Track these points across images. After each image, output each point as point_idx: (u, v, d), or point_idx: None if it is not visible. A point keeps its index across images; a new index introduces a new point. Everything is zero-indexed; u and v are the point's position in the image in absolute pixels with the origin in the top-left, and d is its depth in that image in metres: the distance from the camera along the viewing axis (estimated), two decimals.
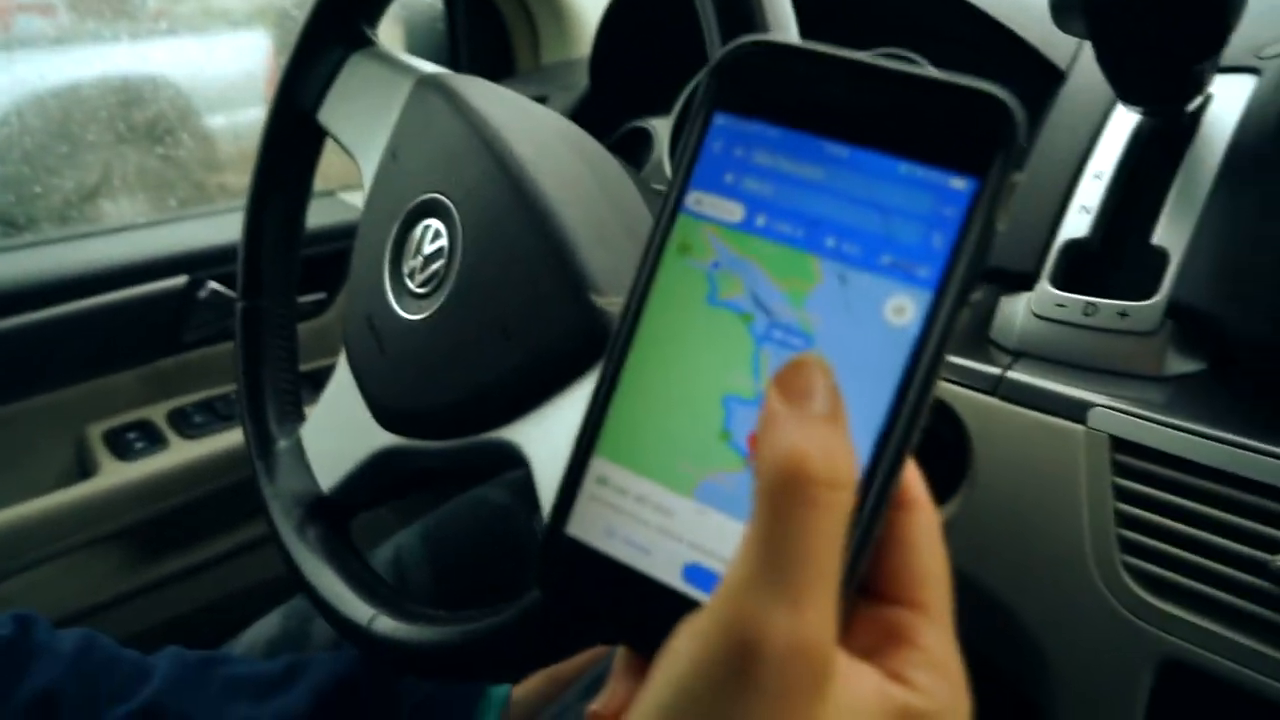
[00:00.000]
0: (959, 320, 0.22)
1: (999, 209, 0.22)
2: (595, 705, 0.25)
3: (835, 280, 0.24)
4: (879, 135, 0.23)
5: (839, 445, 0.21)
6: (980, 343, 0.54)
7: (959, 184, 0.22)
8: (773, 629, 0.19)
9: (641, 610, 0.25)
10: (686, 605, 0.24)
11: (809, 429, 0.21)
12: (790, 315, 0.24)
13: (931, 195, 0.23)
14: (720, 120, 0.25)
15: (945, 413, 0.52)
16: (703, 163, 0.26)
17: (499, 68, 1.14)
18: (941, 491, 0.53)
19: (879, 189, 0.23)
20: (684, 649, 0.20)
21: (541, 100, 0.91)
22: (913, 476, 0.24)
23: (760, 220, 0.25)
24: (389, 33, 1.23)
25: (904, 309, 0.23)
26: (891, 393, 0.23)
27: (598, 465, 0.26)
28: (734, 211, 0.25)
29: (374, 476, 0.57)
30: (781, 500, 0.20)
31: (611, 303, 0.45)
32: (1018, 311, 0.52)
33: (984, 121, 0.22)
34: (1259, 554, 0.42)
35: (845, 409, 0.22)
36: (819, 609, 0.20)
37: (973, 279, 0.22)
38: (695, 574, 0.24)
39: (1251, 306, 0.42)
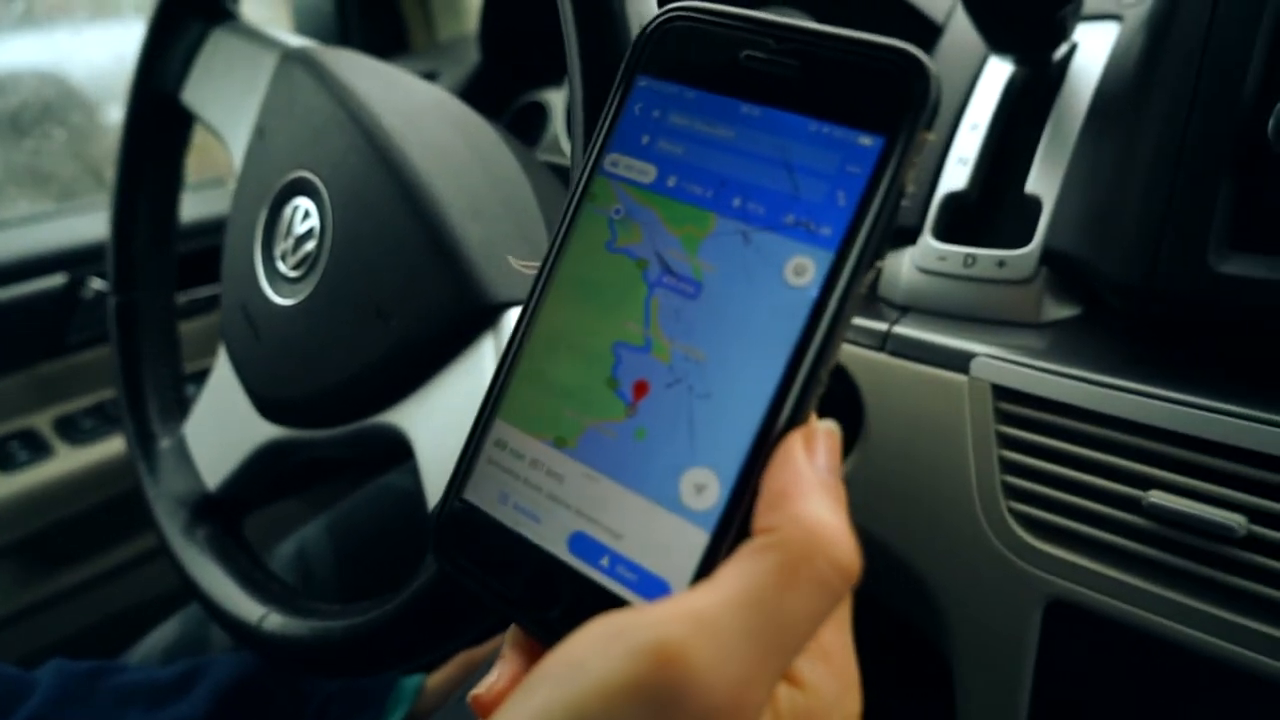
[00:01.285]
0: (864, 283, 0.22)
1: (907, 168, 0.22)
2: (478, 689, 0.24)
3: (736, 236, 0.24)
4: (792, 95, 0.24)
5: (851, 535, 0.21)
6: (869, 299, 0.54)
7: (866, 141, 0.22)
8: (717, 680, 0.18)
9: (528, 582, 0.25)
10: (570, 577, 0.24)
11: (839, 510, 0.21)
12: (683, 262, 0.24)
13: (839, 154, 0.23)
14: (642, 83, 0.26)
15: (837, 371, 0.52)
16: (622, 125, 0.26)
17: (392, 45, 1.10)
18: None
19: (788, 148, 0.24)
20: (595, 664, 0.18)
21: (431, 77, 0.88)
22: None
23: (671, 181, 0.25)
24: (275, 13, 1.18)
25: (804, 269, 0.23)
26: (787, 356, 0.22)
27: (498, 428, 0.27)
28: (647, 172, 0.26)
29: (262, 471, 0.55)
30: (798, 570, 0.19)
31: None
32: (902, 266, 0.52)
33: (895, 79, 0.22)
34: (1133, 491, 0.43)
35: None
36: (772, 678, 0.19)
37: (879, 240, 0.22)
38: (580, 544, 0.24)
39: (1116, 249, 0.43)
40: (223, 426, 0.56)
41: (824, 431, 0.22)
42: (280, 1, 1.18)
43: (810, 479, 0.21)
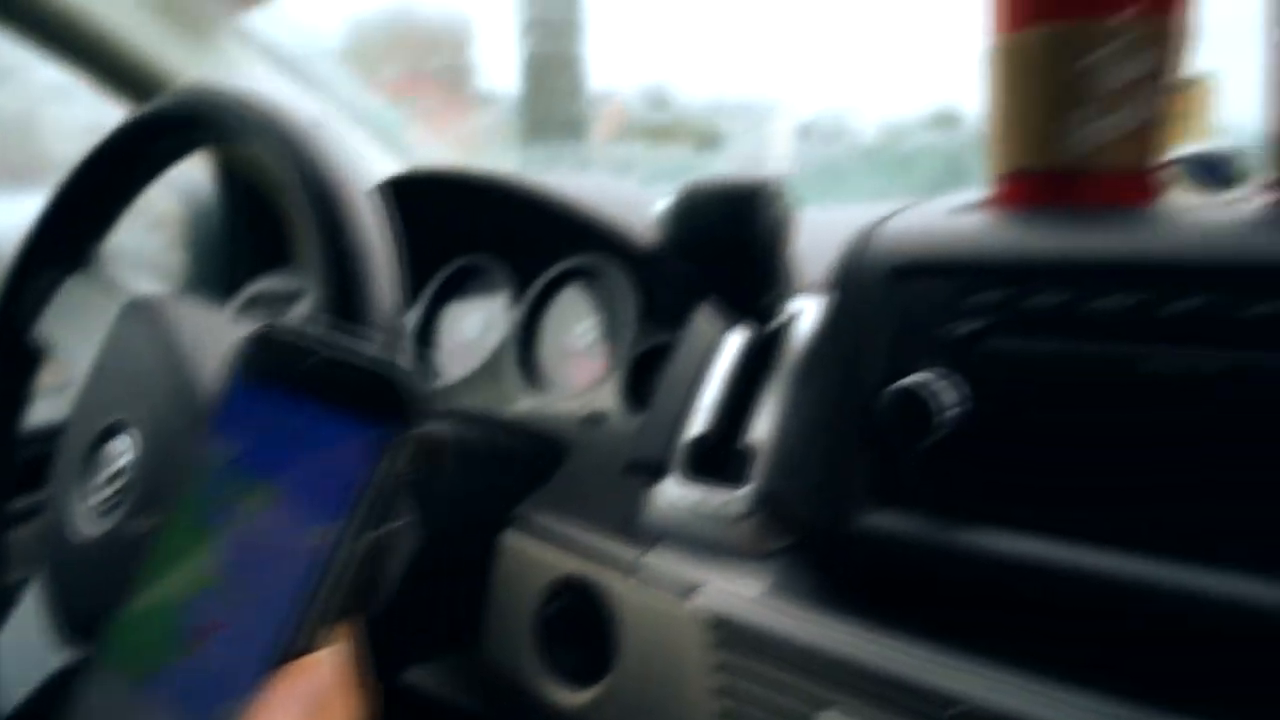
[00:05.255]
0: (361, 549, 0.28)
1: (397, 457, 0.29)
2: None
3: (279, 509, 0.29)
4: (328, 393, 0.30)
5: None
6: (630, 527, 0.61)
7: (373, 434, 0.29)
8: None
9: None
10: None
11: None
12: (237, 525, 0.29)
13: (355, 442, 0.29)
14: (240, 380, 0.32)
15: (590, 596, 0.59)
16: (224, 414, 0.32)
17: (275, 257, 1.19)
18: (589, 674, 0.59)
19: (318, 434, 0.30)
20: None
21: (296, 295, 0.96)
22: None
23: (241, 460, 0.31)
24: (169, 211, 1.26)
25: (318, 536, 0.28)
26: (286, 614, 0.27)
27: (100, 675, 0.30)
28: (231, 450, 0.31)
29: (57, 696, 0.58)
30: None
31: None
32: (656, 499, 0.60)
33: (391, 386, 0.29)
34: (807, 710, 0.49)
35: None
36: None
37: (376, 516, 0.28)
38: None
39: (803, 489, 0.52)
40: (20, 652, 0.59)
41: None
42: (177, 202, 1.26)
43: None
